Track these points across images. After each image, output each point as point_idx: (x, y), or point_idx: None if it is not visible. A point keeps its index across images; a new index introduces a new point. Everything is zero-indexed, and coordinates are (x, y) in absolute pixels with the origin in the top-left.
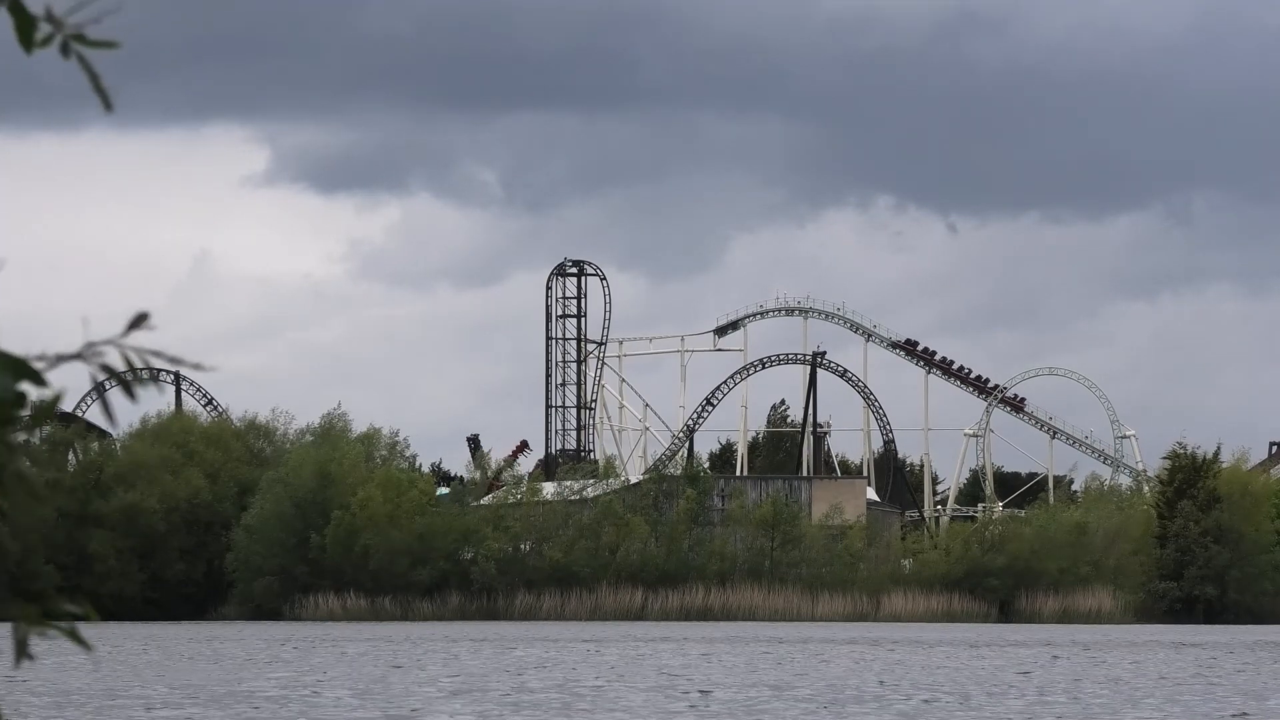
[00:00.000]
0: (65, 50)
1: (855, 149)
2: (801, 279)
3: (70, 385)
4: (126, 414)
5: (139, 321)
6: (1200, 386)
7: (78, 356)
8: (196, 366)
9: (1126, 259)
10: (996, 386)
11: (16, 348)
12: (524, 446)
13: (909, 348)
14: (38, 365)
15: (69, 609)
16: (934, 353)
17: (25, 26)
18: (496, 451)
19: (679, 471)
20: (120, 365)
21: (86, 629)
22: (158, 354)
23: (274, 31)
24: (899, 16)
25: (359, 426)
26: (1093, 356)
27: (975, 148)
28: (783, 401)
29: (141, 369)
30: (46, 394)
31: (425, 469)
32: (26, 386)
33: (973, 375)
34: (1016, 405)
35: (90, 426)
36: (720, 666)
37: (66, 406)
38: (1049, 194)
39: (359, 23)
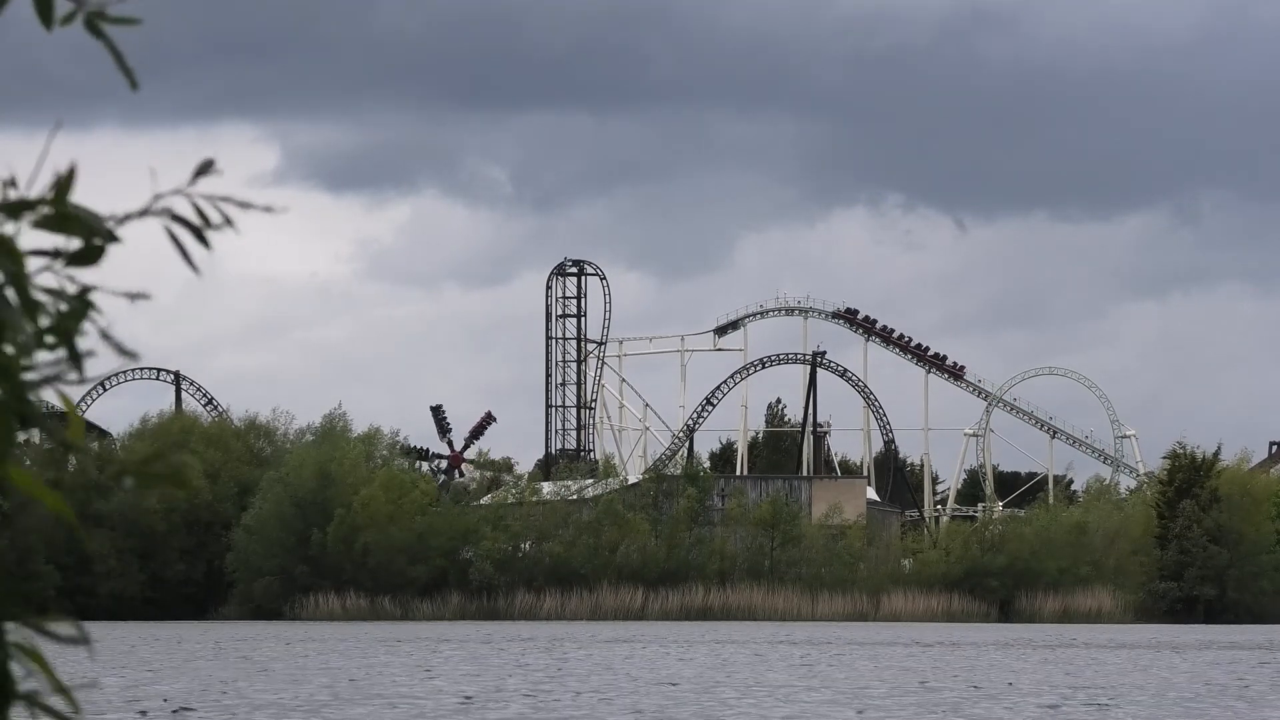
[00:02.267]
0: (90, 27)
1: (865, 148)
2: (809, 278)
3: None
4: (126, 415)
5: (205, 168)
6: (1206, 386)
7: (146, 212)
8: (267, 208)
9: (1135, 258)
10: (937, 355)
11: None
12: (489, 418)
13: (849, 316)
14: (109, 224)
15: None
16: (875, 321)
17: (45, 4)
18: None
19: (679, 471)
20: (191, 214)
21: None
22: (226, 199)
23: (285, 31)
24: (909, 15)
25: (364, 426)
26: (1099, 355)
27: (985, 146)
28: (779, 400)
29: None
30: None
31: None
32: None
33: (913, 344)
34: (955, 373)
35: (90, 426)
36: (877, 667)
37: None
38: (1058, 192)
39: (370, 22)
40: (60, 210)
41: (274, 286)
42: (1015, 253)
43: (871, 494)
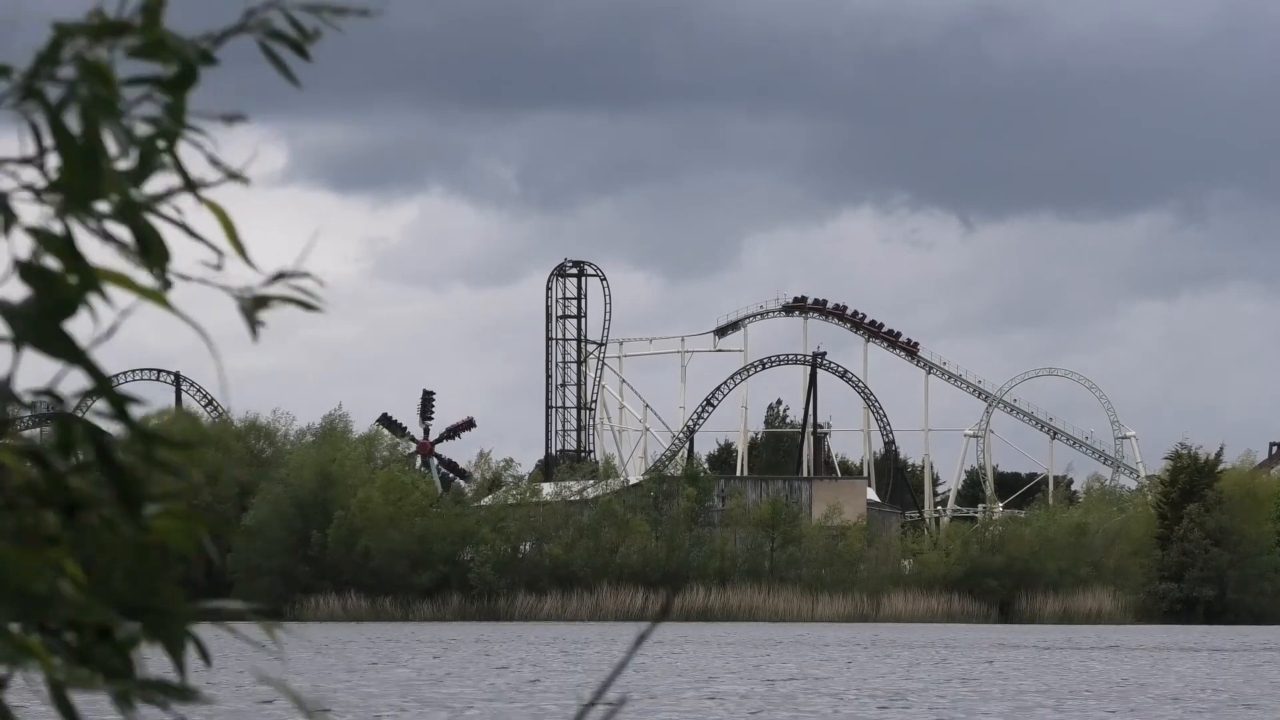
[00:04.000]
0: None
1: (873, 147)
2: (817, 278)
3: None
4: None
5: None
6: (1211, 386)
7: (241, 29)
8: (363, 12)
9: (1143, 258)
10: (891, 331)
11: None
12: (469, 423)
13: (799, 304)
14: (204, 45)
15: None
16: (825, 301)
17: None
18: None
19: (679, 472)
20: (288, 28)
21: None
22: (322, 5)
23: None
24: (918, 14)
25: (367, 426)
26: (1106, 355)
27: (993, 146)
28: (779, 401)
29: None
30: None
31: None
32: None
33: (866, 320)
34: (910, 349)
35: (90, 427)
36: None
37: (65, 407)
38: (1066, 192)
39: (380, 22)
40: (150, 37)
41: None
42: (1023, 252)
43: (871, 495)
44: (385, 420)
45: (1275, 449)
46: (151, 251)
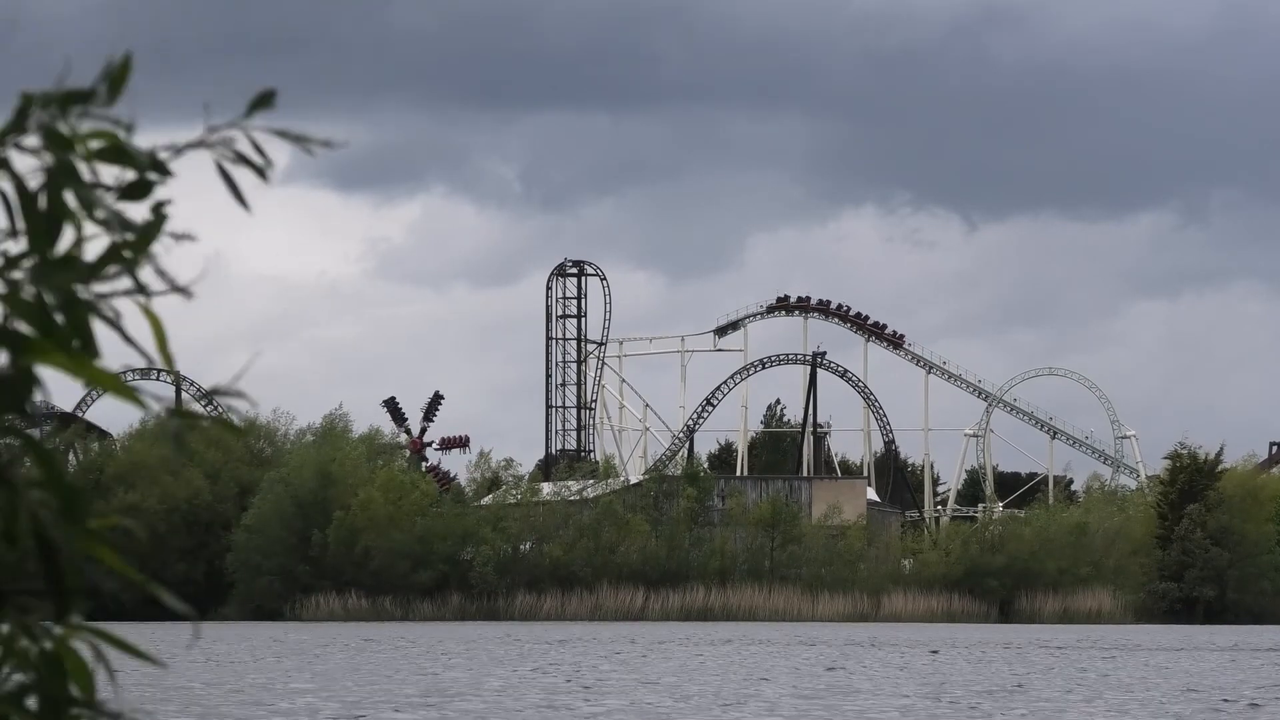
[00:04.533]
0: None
1: (875, 146)
2: (819, 278)
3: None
4: (126, 415)
5: (264, 100)
6: (1213, 386)
7: (201, 144)
8: (325, 143)
9: (1145, 258)
10: (876, 323)
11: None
12: (437, 397)
13: (782, 303)
14: (163, 155)
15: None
16: (808, 298)
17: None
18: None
19: (679, 471)
20: (247, 148)
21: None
22: (283, 134)
23: (298, 30)
24: (920, 14)
25: (368, 426)
26: (1108, 355)
27: (995, 145)
28: (778, 401)
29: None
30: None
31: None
32: (154, 176)
33: (852, 313)
34: (895, 341)
35: (90, 427)
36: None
37: (66, 407)
38: (1068, 191)
39: (383, 22)
40: (113, 143)
41: (282, 286)
42: (1025, 252)
43: (871, 494)
44: (390, 404)
45: (1275, 449)
46: (85, 348)
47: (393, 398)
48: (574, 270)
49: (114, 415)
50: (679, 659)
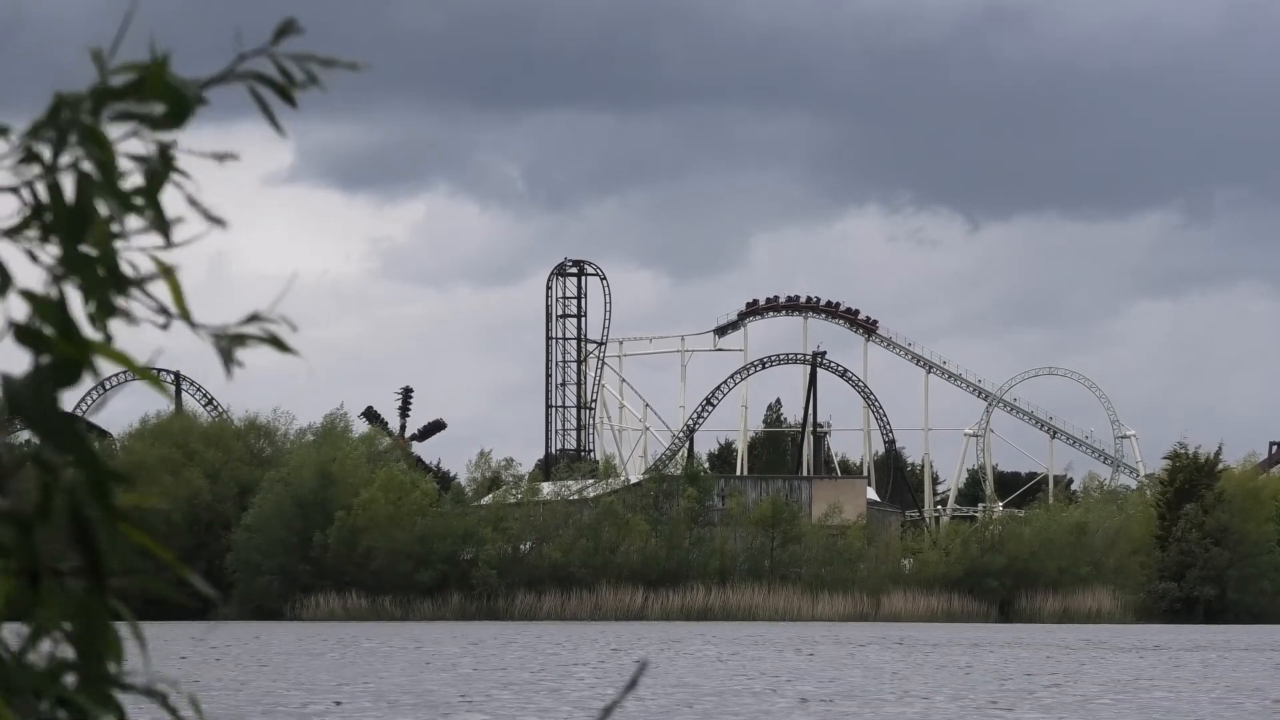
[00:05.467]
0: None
1: (879, 146)
2: (822, 278)
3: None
4: (126, 415)
5: (287, 29)
6: (1215, 386)
7: (231, 75)
8: (351, 65)
9: (1149, 257)
10: (859, 313)
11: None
12: (439, 424)
13: (771, 304)
14: (194, 89)
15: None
16: (797, 298)
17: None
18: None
19: (679, 471)
20: (276, 75)
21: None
22: (309, 57)
23: (301, 28)
24: (925, 13)
25: (361, 426)
26: (1111, 355)
27: (998, 144)
28: (778, 401)
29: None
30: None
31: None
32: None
33: (842, 308)
34: (870, 327)
35: (90, 426)
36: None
37: (66, 406)
38: (1072, 191)
39: (387, 21)
40: (143, 75)
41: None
42: (1028, 251)
43: (871, 494)
44: (368, 413)
45: (1275, 448)
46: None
47: (370, 407)
48: (574, 270)
49: (114, 415)
50: (837, 658)
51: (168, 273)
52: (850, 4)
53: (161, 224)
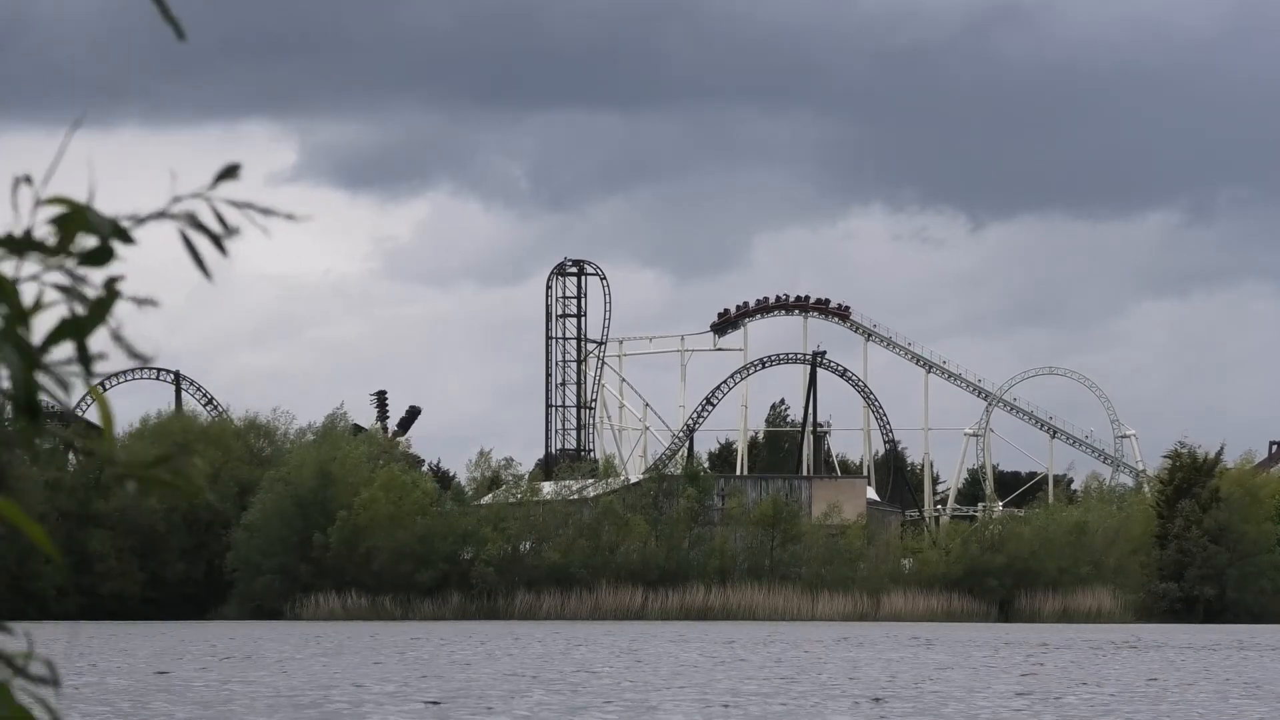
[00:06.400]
0: None
1: (883, 145)
2: (826, 277)
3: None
4: (126, 415)
5: (229, 173)
6: (1217, 385)
7: (163, 214)
8: (289, 216)
9: (1153, 256)
10: (828, 302)
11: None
12: (415, 411)
13: (761, 305)
14: (125, 224)
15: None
16: (767, 299)
17: None
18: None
19: (679, 471)
20: (210, 220)
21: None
22: (249, 205)
23: (308, 29)
24: (930, 12)
25: (367, 425)
26: (1114, 354)
27: (1003, 144)
28: (782, 401)
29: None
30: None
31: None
32: (117, 244)
33: (812, 300)
34: (841, 314)
35: (90, 426)
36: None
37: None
38: (1076, 190)
39: (392, 20)
40: (74, 209)
41: (288, 285)
42: (1033, 250)
43: (871, 494)
44: (356, 430)
45: (1275, 448)
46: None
47: (383, 391)
48: (574, 270)
49: (114, 415)
50: (915, 661)
51: (102, 405)
52: (855, 3)
53: (85, 361)
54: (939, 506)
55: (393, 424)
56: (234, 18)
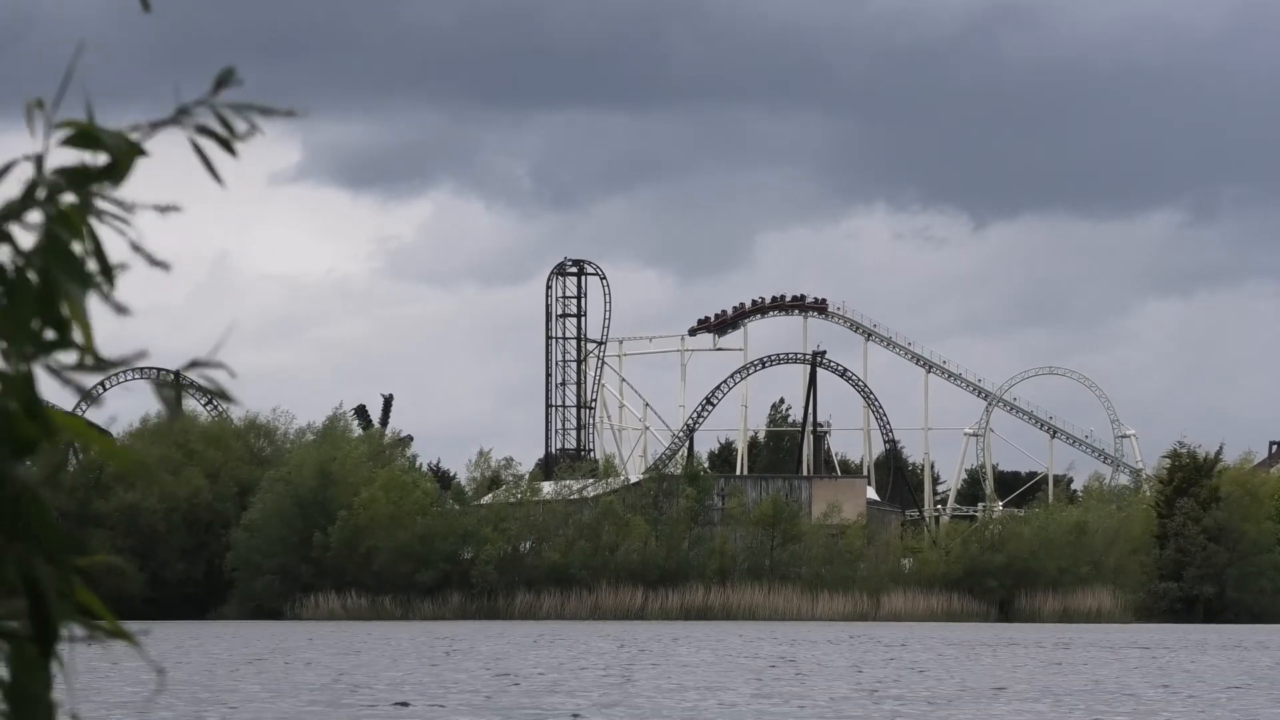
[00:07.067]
0: None
1: (887, 145)
2: (829, 277)
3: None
4: (126, 415)
5: (226, 78)
6: (1218, 385)
7: (173, 122)
8: (289, 112)
9: (1156, 256)
10: (803, 297)
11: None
12: (388, 400)
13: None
14: (133, 136)
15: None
16: (724, 311)
17: None
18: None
19: (679, 471)
20: (216, 125)
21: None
22: (249, 105)
23: (312, 28)
24: (934, 12)
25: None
26: (1117, 354)
27: (1006, 143)
28: (782, 401)
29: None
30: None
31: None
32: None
33: (787, 298)
34: (820, 308)
35: (90, 425)
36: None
37: (65, 406)
38: (1079, 189)
39: (396, 19)
40: (83, 129)
41: (290, 284)
42: (1035, 250)
43: (871, 494)
44: (359, 410)
45: (1275, 447)
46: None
47: (362, 405)
48: (574, 269)
49: (114, 414)
50: (967, 660)
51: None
52: (859, 2)
53: (107, 272)
54: (939, 506)
55: (390, 429)
56: (236, 17)
